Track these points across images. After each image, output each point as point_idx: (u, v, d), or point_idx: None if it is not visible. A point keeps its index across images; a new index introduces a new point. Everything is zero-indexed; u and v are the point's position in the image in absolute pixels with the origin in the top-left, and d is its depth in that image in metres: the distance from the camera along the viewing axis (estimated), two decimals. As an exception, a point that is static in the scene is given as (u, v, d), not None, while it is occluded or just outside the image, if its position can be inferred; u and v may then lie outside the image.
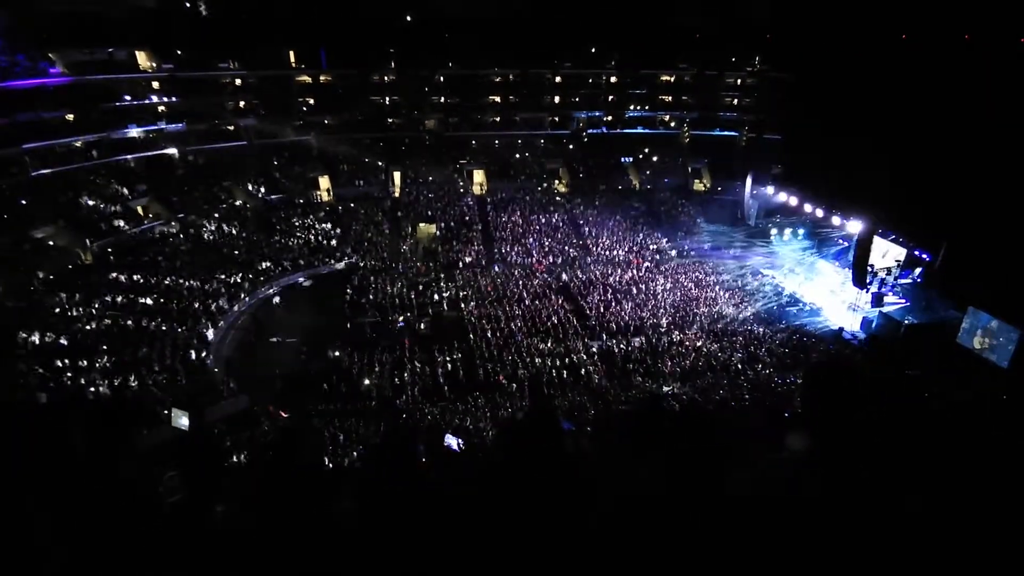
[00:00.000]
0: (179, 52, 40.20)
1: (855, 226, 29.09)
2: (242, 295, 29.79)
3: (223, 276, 30.30)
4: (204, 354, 23.70)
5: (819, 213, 33.52)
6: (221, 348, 25.72)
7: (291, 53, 44.39)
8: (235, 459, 14.98)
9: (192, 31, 40.64)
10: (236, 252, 33.43)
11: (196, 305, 27.08)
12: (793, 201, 35.41)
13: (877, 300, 27.54)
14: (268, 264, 32.98)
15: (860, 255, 28.36)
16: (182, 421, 11.10)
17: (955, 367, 22.79)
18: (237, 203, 38.36)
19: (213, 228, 35.16)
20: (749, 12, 47.31)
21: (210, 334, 25.64)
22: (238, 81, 43.84)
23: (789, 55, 45.49)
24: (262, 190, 39.99)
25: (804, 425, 2.48)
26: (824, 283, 32.26)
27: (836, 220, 32.01)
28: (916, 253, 28.18)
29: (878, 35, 37.61)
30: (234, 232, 35.48)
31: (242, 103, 43.77)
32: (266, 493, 2.77)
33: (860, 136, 32.49)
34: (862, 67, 36.88)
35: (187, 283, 28.66)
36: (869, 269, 28.48)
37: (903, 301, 28.28)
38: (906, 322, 26.29)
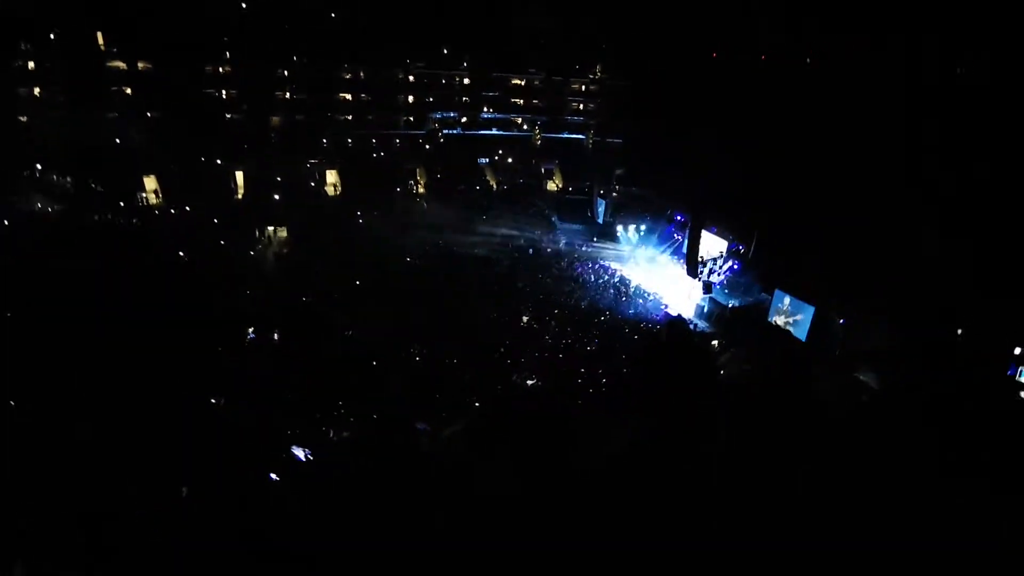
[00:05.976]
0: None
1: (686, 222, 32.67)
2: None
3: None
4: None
5: (657, 210, 37.05)
6: None
7: (98, 34, 38.72)
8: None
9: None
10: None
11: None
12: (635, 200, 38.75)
13: (706, 288, 31.15)
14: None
15: (691, 248, 31.97)
16: None
17: (768, 342, 26.61)
18: (37, 207, 32.56)
19: None
20: (587, 21, 50.56)
21: None
22: (31, 64, 37.23)
23: (624, 64, 49.73)
24: (68, 191, 34.40)
25: (643, 396, 2.69)
26: (664, 274, 35.75)
27: (672, 217, 35.59)
28: (734, 245, 32.42)
29: (691, 52, 42.62)
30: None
31: (37, 90, 37.28)
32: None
33: (686, 141, 36.46)
34: (684, 79, 41.45)
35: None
36: (699, 260, 32.17)
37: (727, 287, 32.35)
38: (730, 305, 30.15)
